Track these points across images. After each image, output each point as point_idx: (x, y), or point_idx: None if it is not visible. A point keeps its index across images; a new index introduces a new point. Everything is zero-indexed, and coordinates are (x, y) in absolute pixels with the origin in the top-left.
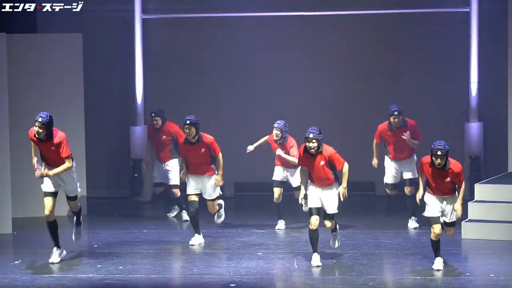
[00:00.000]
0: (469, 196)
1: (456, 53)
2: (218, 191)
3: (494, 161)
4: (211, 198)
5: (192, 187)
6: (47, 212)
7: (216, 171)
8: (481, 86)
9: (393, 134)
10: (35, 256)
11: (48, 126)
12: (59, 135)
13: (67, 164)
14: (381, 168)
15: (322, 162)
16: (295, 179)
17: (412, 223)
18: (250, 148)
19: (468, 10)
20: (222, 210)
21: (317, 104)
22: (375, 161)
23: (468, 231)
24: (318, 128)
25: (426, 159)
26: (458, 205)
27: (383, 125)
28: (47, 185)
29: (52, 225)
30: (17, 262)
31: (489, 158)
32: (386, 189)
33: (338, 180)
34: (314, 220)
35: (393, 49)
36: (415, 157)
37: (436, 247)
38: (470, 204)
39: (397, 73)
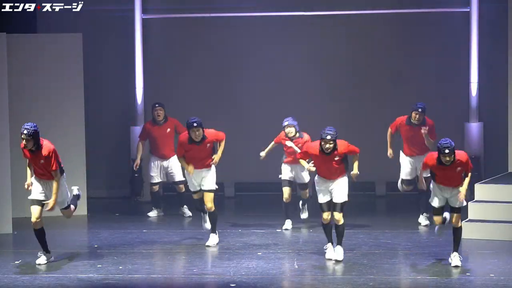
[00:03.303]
0: (469, 196)
1: (456, 53)
2: (214, 183)
3: (494, 161)
4: (210, 188)
5: (194, 185)
6: (34, 219)
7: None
8: (481, 86)
9: (410, 129)
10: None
11: (34, 136)
12: (47, 147)
13: (55, 181)
14: (381, 167)
15: (337, 158)
16: (303, 176)
17: (423, 220)
18: (262, 154)
19: (468, 10)
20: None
21: (317, 105)
22: (390, 152)
23: (468, 231)
24: (334, 128)
25: (431, 159)
26: (462, 189)
27: (402, 118)
28: (34, 193)
29: (40, 232)
30: (17, 262)
31: (489, 158)
32: (403, 185)
33: (348, 169)
34: (326, 216)
35: (393, 49)
36: None
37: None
38: (470, 204)
39: (397, 73)
